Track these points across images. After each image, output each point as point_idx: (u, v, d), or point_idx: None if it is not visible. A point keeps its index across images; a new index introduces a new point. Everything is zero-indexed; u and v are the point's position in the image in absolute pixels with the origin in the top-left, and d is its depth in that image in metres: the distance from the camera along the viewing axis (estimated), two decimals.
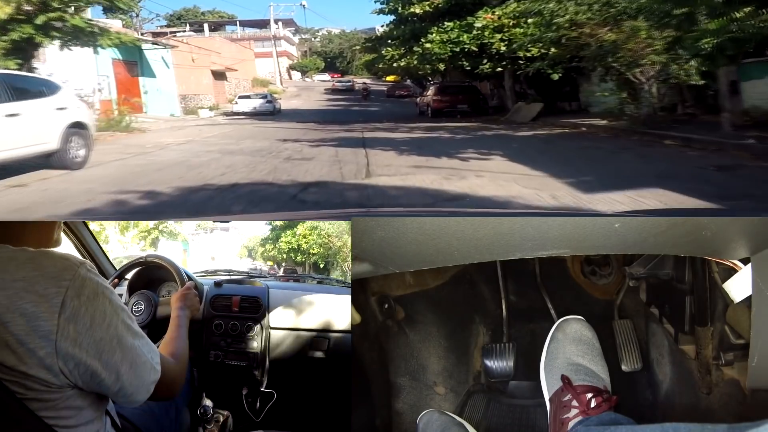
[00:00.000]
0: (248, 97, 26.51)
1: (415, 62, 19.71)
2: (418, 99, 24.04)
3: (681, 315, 1.50)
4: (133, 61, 23.04)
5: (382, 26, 24.34)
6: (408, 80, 41.04)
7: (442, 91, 20.72)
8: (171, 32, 34.51)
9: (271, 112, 24.92)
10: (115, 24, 25.95)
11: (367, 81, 45.97)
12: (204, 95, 29.94)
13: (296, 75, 61.58)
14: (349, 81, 51.69)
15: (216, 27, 53.48)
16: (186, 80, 27.35)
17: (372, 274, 1.36)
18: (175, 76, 26.00)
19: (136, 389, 1.01)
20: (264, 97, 26.34)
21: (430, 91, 21.46)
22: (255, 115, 24.18)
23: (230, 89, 33.85)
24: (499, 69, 17.91)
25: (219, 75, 32.64)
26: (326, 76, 59.15)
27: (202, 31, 44.98)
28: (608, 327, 1.70)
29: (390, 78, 46.66)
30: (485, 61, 17.93)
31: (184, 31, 39.87)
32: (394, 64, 20.62)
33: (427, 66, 19.63)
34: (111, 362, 0.96)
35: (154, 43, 24.91)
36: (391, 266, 1.33)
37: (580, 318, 1.49)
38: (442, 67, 19.54)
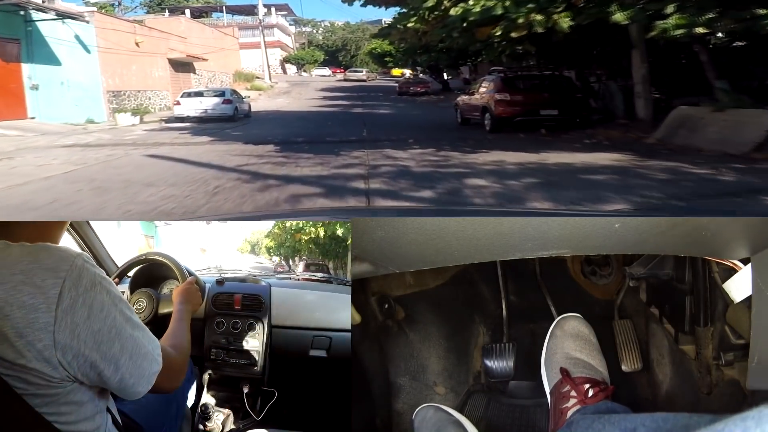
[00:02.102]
0: (199, 94, 18.32)
1: (506, 4, 8.37)
2: (460, 100, 14.20)
3: (681, 315, 1.50)
4: (12, 39, 14.73)
5: None
6: (420, 74, 34.62)
7: (512, 84, 11.79)
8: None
9: (229, 117, 17.35)
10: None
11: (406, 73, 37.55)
12: (154, 92, 22.05)
13: (293, 69, 53.25)
14: (361, 71, 44.72)
15: (199, 13, 44.60)
16: (122, 71, 19.43)
17: (372, 274, 1.36)
18: (101, 65, 18.01)
19: (136, 380, 1.01)
20: (221, 95, 18.11)
21: (488, 86, 12.11)
22: (206, 120, 17.02)
23: (201, 84, 25.75)
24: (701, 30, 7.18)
25: (181, 66, 24.59)
26: (326, 71, 51.13)
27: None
28: (608, 327, 1.71)
29: (398, 72, 40.54)
30: (672, 9, 7.15)
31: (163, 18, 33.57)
32: (451, 13, 9.27)
33: (538, 17, 8.34)
34: (110, 353, 0.96)
35: (60, 15, 15.82)
36: (391, 266, 1.33)
37: (578, 315, 1.53)
38: (564, 24, 8.30)
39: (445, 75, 33.55)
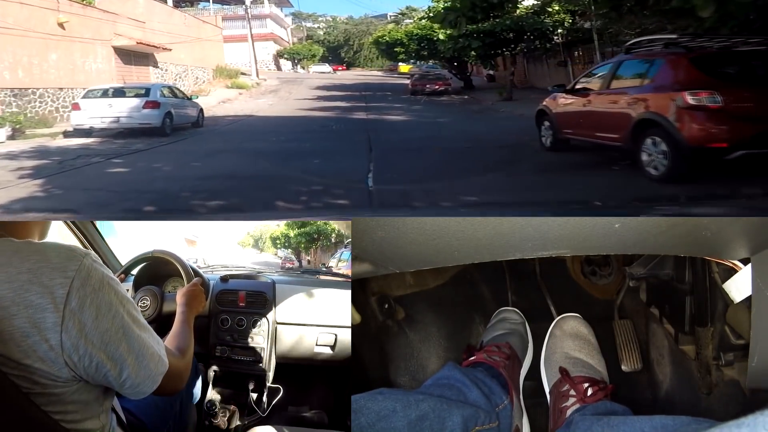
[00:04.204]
0: (119, 93, 11.73)
1: None
2: (551, 105, 7.26)
3: (681, 315, 1.50)
4: None
5: None
6: (430, 70, 28.62)
7: (718, 73, 4.90)
8: None
9: (157, 129, 10.93)
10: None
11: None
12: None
13: (288, 65, 45.45)
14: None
15: (183, 3, 36.28)
16: (31, 61, 13.83)
17: (372, 274, 1.37)
18: None
19: (141, 380, 1.01)
20: (143, 94, 11.32)
21: (649, 76, 5.34)
22: (123, 134, 11.06)
23: (166, 81, 19.29)
24: None
25: (135, 56, 18.65)
26: (326, 68, 43.99)
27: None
28: (608, 327, 1.71)
29: (406, 68, 35.66)
30: None
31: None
32: None
33: None
34: (117, 354, 0.95)
35: None
36: (391, 266, 1.33)
37: (577, 315, 1.54)
38: None
39: (491, 64, 24.60)
